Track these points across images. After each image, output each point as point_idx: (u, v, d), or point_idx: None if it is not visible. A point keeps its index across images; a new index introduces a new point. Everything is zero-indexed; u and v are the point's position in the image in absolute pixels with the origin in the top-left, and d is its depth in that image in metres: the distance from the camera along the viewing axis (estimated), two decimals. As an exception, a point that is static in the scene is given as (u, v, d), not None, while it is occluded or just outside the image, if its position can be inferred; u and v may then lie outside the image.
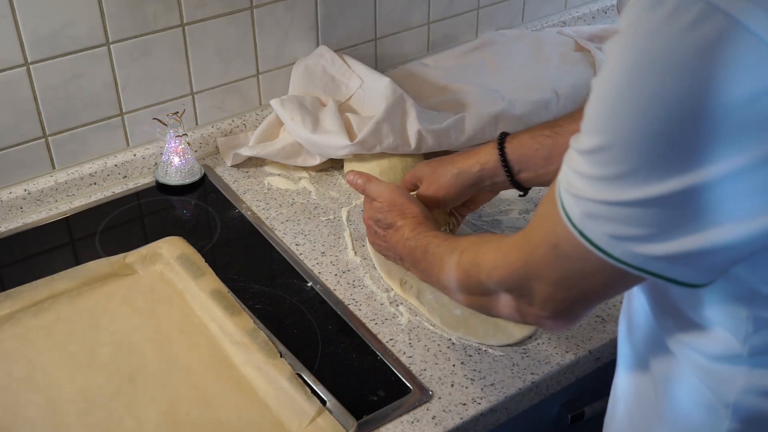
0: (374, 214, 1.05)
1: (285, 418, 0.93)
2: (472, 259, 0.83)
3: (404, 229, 1.00)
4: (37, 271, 1.13)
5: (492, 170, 1.07)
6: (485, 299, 0.82)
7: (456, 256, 0.86)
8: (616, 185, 0.61)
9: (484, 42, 1.62)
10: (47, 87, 1.22)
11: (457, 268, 0.85)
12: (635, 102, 0.58)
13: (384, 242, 1.04)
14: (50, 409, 0.94)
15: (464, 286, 0.85)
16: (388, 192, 1.05)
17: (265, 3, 1.35)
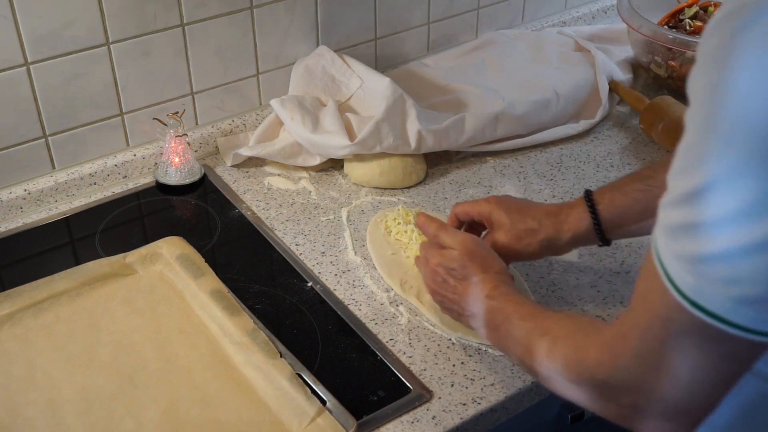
0: (447, 262, 0.97)
1: (285, 418, 0.93)
2: (572, 353, 0.75)
3: (484, 285, 0.93)
4: (37, 271, 1.13)
5: (584, 237, 1.01)
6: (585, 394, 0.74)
7: (547, 344, 0.79)
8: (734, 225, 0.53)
9: (484, 42, 1.62)
10: (47, 87, 1.22)
11: (549, 358, 0.78)
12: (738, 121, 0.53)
13: (453, 294, 0.97)
14: (50, 409, 0.94)
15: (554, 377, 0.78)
16: (469, 241, 0.98)
17: (265, 3, 1.35)
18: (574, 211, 1.01)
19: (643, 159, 1.39)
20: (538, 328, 0.82)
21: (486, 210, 1.05)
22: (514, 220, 1.03)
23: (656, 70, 1.52)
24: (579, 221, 1.00)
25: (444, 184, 1.34)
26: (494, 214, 1.04)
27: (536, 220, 1.02)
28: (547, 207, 1.04)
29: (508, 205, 1.05)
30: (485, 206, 1.05)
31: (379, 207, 1.28)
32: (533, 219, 1.02)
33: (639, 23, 1.49)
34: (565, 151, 1.41)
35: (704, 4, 1.56)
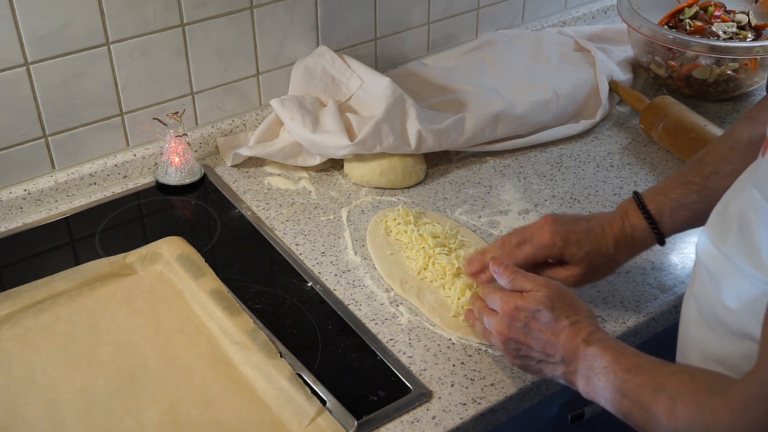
0: (532, 304, 0.90)
1: (285, 418, 0.93)
2: (697, 416, 0.70)
3: (579, 330, 0.87)
4: (37, 271, 1.13)
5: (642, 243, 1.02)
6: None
7: (667, 403, 0.73)
8: None
9: (484, 42, 1.62)
10: (47, 87, 1.22)
11: (670, 419, 0.72)
12: None
13: (536, 339, 0.90)
14: (50, 409, 0.94)
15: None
16: (552, 283, 0.93)
17: (265, 3, 1.35)
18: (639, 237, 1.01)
19: (643, 159, 1.39)
20: (651, 383, 0.77)
21: (557, 252, 1.01)
22: (591, 256, 1.00)
23: (656, 70, 1.52)
24: (645, 244, 1.02)
25: (444, 184, 1.33)
26: (567, 254, 1.01)
27: (610, 249, 1.01)
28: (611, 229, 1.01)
29: (576, 237, 1.00)
30: (552, 247, 1.00)
31: (379, 207, 1.28)
32: (607, 248, 1.01)
33: (639, 23, 1.49)
34: (565, 151, 1.41)
35: (704, 4, 1.56)
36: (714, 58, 1.44)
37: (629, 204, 1.03)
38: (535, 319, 0.90)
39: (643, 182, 1.33)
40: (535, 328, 0.90)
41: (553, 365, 0.90)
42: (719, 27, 1.51)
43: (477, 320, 0.99)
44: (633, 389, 0.78)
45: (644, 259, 1.17)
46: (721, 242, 0.78)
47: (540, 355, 0.90)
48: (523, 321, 0.91)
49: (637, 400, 0.77)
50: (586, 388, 0.86)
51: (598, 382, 0.83)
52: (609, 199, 1.29)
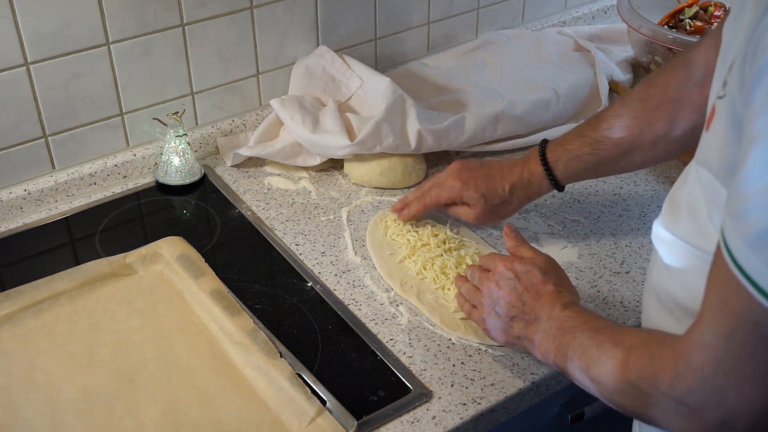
0: (525, 265, 0.96)
1: (285, 418, 0.93)
2: (645, 364, 0.73)
3: (561, 296, 0.92)
4: (37, 271, 1.13)
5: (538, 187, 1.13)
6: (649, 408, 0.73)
7: (620, 353, 0.77)
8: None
9: (484, 42, 1.62)
10: (47, 87, 1.22)
11: (622, 369, 0.76)
12: None
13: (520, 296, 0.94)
14: (50, 409, 0.94)
15: (627, 390, 0.76)
16: (549, 256, 0.99)
17: (265, 3, 1.35)
18: (535, 181, 1.13)
19: (643, 159, 1.38)
20: (611, 339, 0.80)
21: (456, 194, 1.14)
22: (486, 197, 1.13)
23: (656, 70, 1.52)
24: (541, 190, 1.14)
25: (444, 184, 1.33)
26: (465, 195, 1.14)
27: (506, 191, 1.13)
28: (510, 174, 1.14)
29: (474, 181, 1.14)
30: (453, 189, 1.14)
31: (379, 207, 1.28)
32: (503, 190, 1.13)
33: (639, 23, 1.49)
34: (565, 151, 1.41)
35: (704, 4, 1.56)
36: (714, 58, 1.44)
37: (533, 151, 1.14)
38: (525, 277, 0.96)
39: (643, 182, 1.33)
40: (521, 285, 0.95)
41: (525, 322, 0.93)
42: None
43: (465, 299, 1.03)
44: (595, 345, 0.82)
45: (644, 259, 1.17)
46: (674, 226, 0.81)
47: (516, 311, 0.94)
48: (513, 277, 0.96)
49: (595, 356, 0.81)
50: (547, 347, 0.90)
51: (564, 339, 0.87)
52: (609, 199, 1.29)
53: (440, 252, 1.15)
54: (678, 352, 0.69)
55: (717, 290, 0.64)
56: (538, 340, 0.92)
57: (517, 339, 0.95)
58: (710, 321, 0.65)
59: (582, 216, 1.26)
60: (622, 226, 1.24)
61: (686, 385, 0.67)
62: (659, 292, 0.85)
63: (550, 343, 0.89)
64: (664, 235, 0.83)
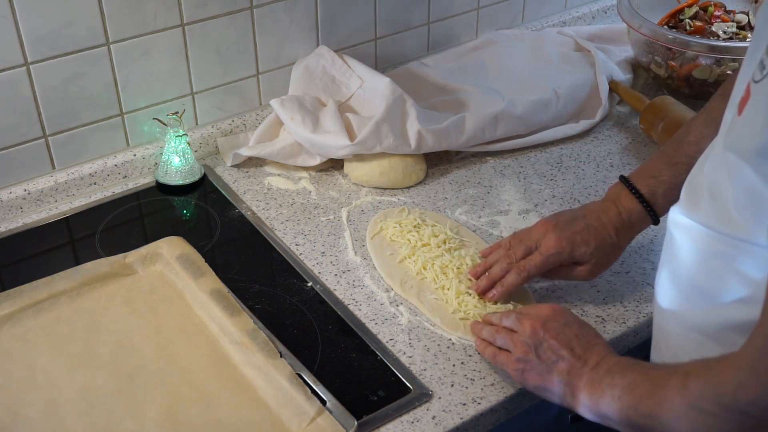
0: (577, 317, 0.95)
1: (285, 418, 0.93)
2: (705, 382, 0.70)
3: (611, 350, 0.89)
4: (37, 271, 1.13)
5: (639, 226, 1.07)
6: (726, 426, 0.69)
7: (677, 380, 0.73)
8: None
9: (484, 42, 1.62)
10: (47, 87, 1.22)
11: (681, 394, 0.72)
12: None
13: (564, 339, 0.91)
14: (50, 409, 0.94)
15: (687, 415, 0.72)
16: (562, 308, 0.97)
17: (265, 3, 1.35)
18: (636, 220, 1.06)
19: (643, 159, 1.39)
20: (666, 370, 0.77)
21: (567, 257, 1.05)
22: (599, 250, 1.05)
23: (656, 70, 1.52)
24: (641, 226, 1.07)
25: (444, 184, 1.33)
26: (578, 256, 1.05)
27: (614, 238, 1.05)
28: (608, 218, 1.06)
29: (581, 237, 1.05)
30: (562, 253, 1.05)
31: (379, 207, 1.28)
32: (610, 238, 1.05)
33: (639, 23, 1.49)
34: (565, 151, 1.41)
35: (704, 4, 1.56)
36: (714, 58, 1.44)
37: (619, 189, 1.07)
38: (577, 325, 0.93)
39: (643, 182, 1.33)
40: (571, 331, 0.92)
41: (570, 367, 0.89)
42: (719, 27, 1.51)
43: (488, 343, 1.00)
44: (649, 379, 0.78)
45: (644, 259, 1.17)
46: (694, 211, 0.80)
47: (562, 356, 0.90)
48: (564, 321, 0.93)
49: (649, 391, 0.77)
50: (592, 392, 0.85)
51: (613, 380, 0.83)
52: (609, 199, 1.29)
53: (440, 252, 1.15)
54: (740, 362, 0.66)
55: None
56: (580, 385, 0.87)
57: (556, 384, 0.90)
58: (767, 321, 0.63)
59: (582, 216, 1.26)
60: (622, 226, 1.24)
61: (751, 394, 0.64)
62: (677, 279, 0.84)
63: (595, 388, 0.85)
64: (682, 220, 0.82)
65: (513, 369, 0.95)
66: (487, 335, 0.99)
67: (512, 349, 0.95)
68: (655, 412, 0.75)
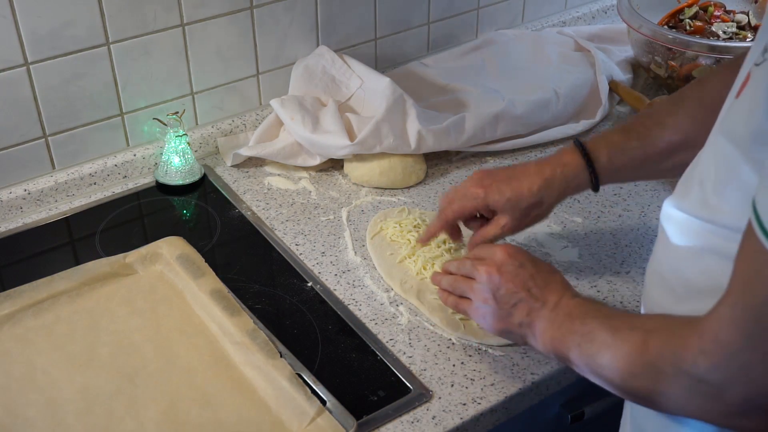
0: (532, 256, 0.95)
1: (285, 418, 0.93)
2: (666, 343, 0.70)
3: (571, 287, 0.90)
4: (37, 271, 1.13)
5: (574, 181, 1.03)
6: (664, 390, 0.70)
7: (638, 336, 0.73)
8: None
9: (484, 42, 1.62)
10: (47, 87, 1.22)
11: (640, 351, 0.72)
12: None
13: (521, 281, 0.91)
14: (50, 409, 0.94)
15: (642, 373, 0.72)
16: None
17: (265, 3, 1.35)
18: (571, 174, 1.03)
19: (643, 159, 1.38)
20: (627, 324, 0.77)
21: (481, 202, 1.04)
22: (513, 202, 1.02)
23: (656, 70, 1.52)
24: (578, 186, 1.03)
25: (444, 184, 1.33)
26: (491, 202, 1.04)
27: (534, 191, 1.02)
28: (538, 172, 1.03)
29: (498, 186, 1.03)
30: (476, 198, 1.04)
31: (379, 207, 1.28)
32: (529, 191, 1.02)
33: (639, 23, 1.49)
34: (565, 151, 1.41)
35: (704, 4, 1.56)
36: (714, 58, 1.44)
37: (568, 146, 1.05)
38: (531, 264, 0.92)
39: (643, 182, 1.33)
40: (526, 272, 0.92)
41: (529, 309, 0.90)
42: (719, 27, 1.51)
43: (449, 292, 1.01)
44: (608, 330, 0.78)
45: (644, 259, 1.17)
46: (682, 201, 0.79)
47: (520, 297, 0.91)
48: (519, 262, 0.93)
49: (609, 341, 0.77)
50: (551, 334, 0.86)
51: (572, 326, 0.83)
52: (609, 199, 1.29)
53: (440, 252, 1.15)
54: (704, 328, 0.65)
55: (747, 263, 0.61)
56: (540, 327, 0.88)
57: (517, 327, 0.91)
58: (740, 294, 0.62)
59: (582, 216, 1.26)
60: (622, 226, 1.24)
61: (712, 361, 0.64)
62: (665, 273, 0.83)
63: (555, 331, 0.86)
64: (671, 212, 0.81)
65: (475, 316, 0.96)
66: (447, 285, 1.00)
67: (472, 296, 0.96)
68: (612, 365, 0.75)
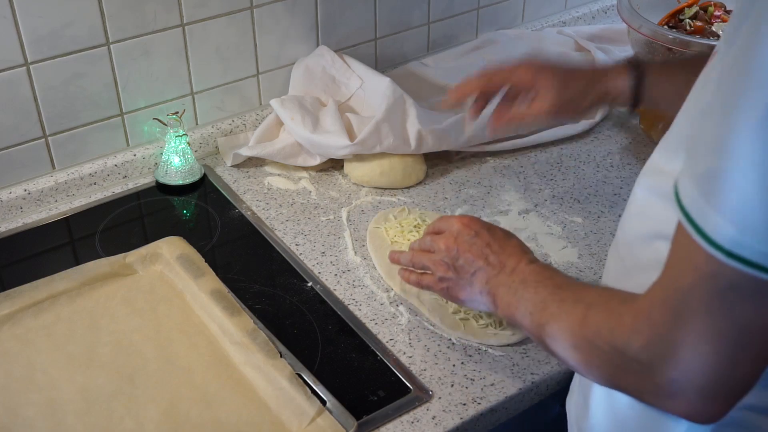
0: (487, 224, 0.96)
1: (285, 418, 0.93)
2: (603, 320, 0.71)
3: (527, 251, 0.92)
4: (37, 271, 1.13)
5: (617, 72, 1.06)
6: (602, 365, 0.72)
7: (580, 310, 0.75)
8: None
9: (484, 42, 1.62)
10: (47, 87, 1.22)
11: (580, 325, 0.74)
12: None
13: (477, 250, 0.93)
14: (50, 409, 0.94)
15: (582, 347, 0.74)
16: None
17: (265, 3, 1.35)
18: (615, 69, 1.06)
19: (643, 159, 1.38)
20: (573, 296, 0.79)
21: (530, 79, 1.06)
22: (562, 86, 1.05)
23: (656, 70, 1.52)
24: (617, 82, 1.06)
25: (444, 184, 1.34)
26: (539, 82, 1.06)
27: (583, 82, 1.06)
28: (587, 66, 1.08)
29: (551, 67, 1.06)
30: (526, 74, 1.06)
31: (379, 207, 1.28)
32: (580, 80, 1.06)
33: (639, 23, 1.49)
34: (565, 151, 1.41)
35: (704, 4, 1.56)
36: (714, 58, 1.44)
37: None
38: (487, 232, 0.95)
39: (643, 182, 1.33)
40: (482, 240, 0.94)
41: (488, 276, 0.91)
42: (719, 27, 1.51)
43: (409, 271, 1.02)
44: (556, 301, 0.80)
45: (644, 259, 1.17)
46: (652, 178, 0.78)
47: (478, 265, 0.93)
48: (473, 233, 0.95)
49: (556, 311, 0.79)
50: (508, 300, 0.88)
51: (526, 293, 0.85)
52: (609, 199, 1.29)
53: (440, 252, 1.15)
54: (638, 308, 0.67)
55: (678, 245, 0.62)
56: (499, 293, 0.90)
57: (478, 294, 0.93)
58: (672, 276, 0.64)
59: (582, 216, 1.26)
60: (622, 226, 1.24)
61: (642, 340, 0.65)
62: (618, 241, 0.84)
63: (511, 297, 0.88)
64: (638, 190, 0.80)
65: (438, 289, 0.98)
66: (406, 261, 1.02)
67: (433, 269, 0.98)
68: (556, 336, 0.78)
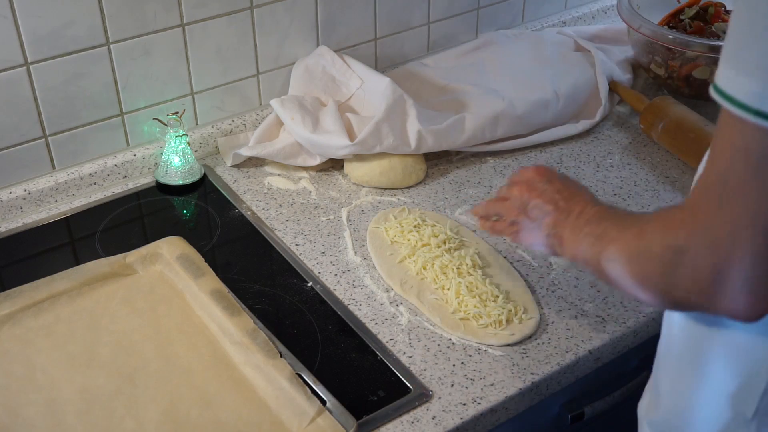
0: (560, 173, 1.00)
1: (285, 418, 0.93)
2: (659, 226, 0.74)
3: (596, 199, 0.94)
4: (37, 271, 1.13)
5: None
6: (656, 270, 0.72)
7: (638, 226, 0.77)
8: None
9: (484, 42, 1.62)
10: (47, 87, 1.22)
11: (637, 237, 0.76)
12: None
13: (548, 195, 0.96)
14: (50, 409, 0.94)
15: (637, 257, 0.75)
16: None
17: (265, 3, 1.35)
18: None
19: (643, 159, 1.39)
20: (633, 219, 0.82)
21: None
22: None
23: (656, 70, 1.52)
24: None
25: (444, 184, 1.34)
26: None
27: None
28: None
29: None
30: None
31: (379, 207, 1.28)
32: None
33: (639, 23, 1.49)
34: (565, 151, 1.41)
35: (704, 5, 1.56)
36: (714, 58, 1.44)
37: None
38: (559, 180, 0.98)
39: (643, 182, 1.33)
40: (553, 187, 0.96)
41: (556, 220, 0.93)
42: (719, 27, 1.51)
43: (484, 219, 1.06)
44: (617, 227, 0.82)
45: (644, 259, 1.17)
46: None
47: (547, 210, 0.95)
48: (547, 178, 0.98)
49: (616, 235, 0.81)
50: (574, 239, 0.89)
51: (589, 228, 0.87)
52: (609, 199, 1.29)
53: (440, 252, 1.15)
54: (688, 202, 0.69)
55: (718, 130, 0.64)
56: (565, 235, 0.92)
57: (545, 238, 0.95)
58: (712, 161, 0.65)
59: (582, 216, 1.26)
60: (622, 226, 1.24)
61: (688, 230, 0.67)
62: None
63: (576, 236, 0.89)
64: None
65: (509, 233, 1.02)
66: (482, 211, 1.07)
67: (505, 215, 1.02)
68: (613, 256, 0.79)
